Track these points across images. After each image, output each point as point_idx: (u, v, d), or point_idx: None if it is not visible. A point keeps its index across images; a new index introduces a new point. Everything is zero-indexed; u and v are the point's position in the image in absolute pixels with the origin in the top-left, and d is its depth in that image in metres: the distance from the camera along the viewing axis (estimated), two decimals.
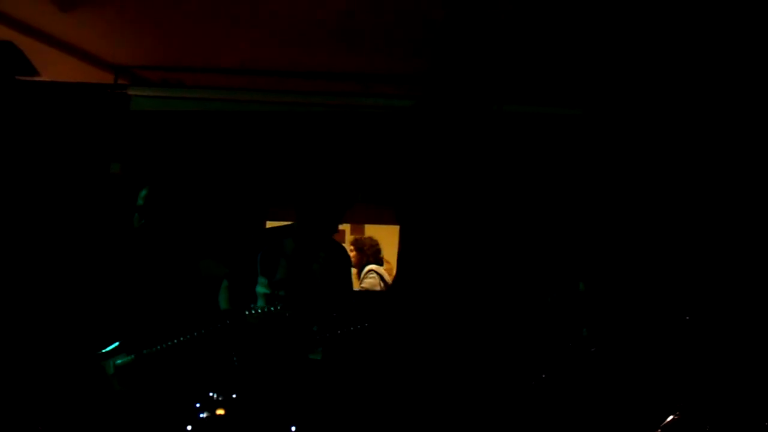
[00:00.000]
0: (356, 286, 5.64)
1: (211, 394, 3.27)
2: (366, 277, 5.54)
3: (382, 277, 5.48)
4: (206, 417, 3.23)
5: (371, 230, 6.26)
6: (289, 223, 3.89)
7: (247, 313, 3.38)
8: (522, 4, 3.71)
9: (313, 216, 3.68)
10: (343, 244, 6.10)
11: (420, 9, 3.72)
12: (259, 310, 3.38)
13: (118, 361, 3.34)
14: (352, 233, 6.43)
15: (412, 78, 4.39)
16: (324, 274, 3.68)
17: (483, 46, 2.46)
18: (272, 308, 3.37)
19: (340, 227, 6.59)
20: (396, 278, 3.80)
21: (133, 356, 3.35)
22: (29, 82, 4.31)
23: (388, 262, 5.65)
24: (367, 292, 5.36)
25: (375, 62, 4.55)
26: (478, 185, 2.58)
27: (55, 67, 4.54)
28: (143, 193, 3.60)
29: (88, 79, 4.69)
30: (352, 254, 5.67)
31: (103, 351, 3.36)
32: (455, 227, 2.60)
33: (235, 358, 3.40)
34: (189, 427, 3.26)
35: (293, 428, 3.30)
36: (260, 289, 3.62)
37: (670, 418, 3.47)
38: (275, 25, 4.11)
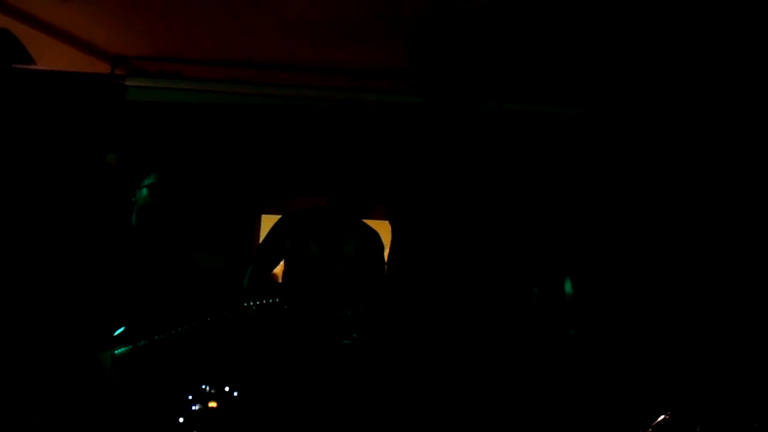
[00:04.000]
0: None
1: (204, 387, 3.27)
2: None
3: None
4: (201, 409, 3.23)
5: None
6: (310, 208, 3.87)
7: (245, 305, 3.38)
8: (522, 1, 3.71)
9: (344, 199, 3.68)
10: None
11: (420, 4, 3.71)
12: (257, 303, 3.37)
13: (117, 352, 3.33)
14: None
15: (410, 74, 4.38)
16: (356, 257, 3.67)
17: (482, 43, 2.45)
18: (270, 301, 3.36)
19: None
20: (387, 272, 3.79)
21: (131, 347, 3.34)
22: (25, 70, 4.27)
23: None
24: None
25: (374, 57, 4.55)
26: (472, 182, 2.57)
27: (51, 56, 4.51)
28: (148, 182, 3.58)
29: (85, 69, 4.67)
30: None
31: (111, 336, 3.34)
32: (448, 224, 2.59)
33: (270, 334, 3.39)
34: (181, 420, 3.26)
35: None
36: (288, 274, 3.62)
37: (661, 417, 3.49)
38: (275, 17, 4.10)
